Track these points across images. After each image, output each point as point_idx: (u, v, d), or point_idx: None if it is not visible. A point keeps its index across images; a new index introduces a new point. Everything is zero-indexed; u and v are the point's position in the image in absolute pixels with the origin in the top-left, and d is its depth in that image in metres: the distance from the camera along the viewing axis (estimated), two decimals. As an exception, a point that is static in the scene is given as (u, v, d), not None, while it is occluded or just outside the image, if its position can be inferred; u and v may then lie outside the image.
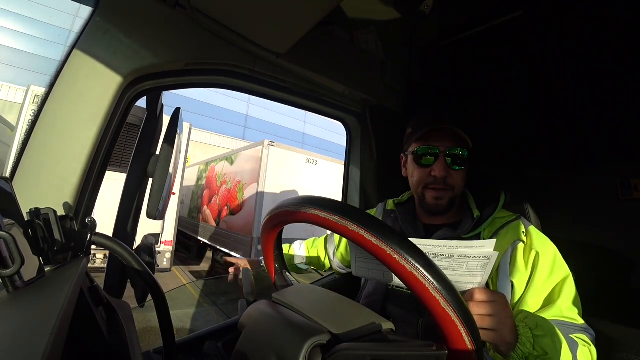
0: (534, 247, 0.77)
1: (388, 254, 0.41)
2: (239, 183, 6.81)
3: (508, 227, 0.82)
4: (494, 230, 0.83)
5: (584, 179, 1.18)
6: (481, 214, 0.87)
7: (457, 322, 0.40)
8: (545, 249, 0.77)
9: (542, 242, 0.79)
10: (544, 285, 0.74)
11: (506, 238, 0.80)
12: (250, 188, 6.34)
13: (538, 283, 0.74)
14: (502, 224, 0.83)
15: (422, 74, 1.57)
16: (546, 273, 0.75)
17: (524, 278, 0.76)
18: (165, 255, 5.99)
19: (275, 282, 0.74)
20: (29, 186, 0.74)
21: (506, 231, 0.82)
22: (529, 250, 0.77)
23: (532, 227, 0.82)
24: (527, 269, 0.76)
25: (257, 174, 6.16)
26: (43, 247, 0.45)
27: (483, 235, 0.83)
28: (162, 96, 1.08)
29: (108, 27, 0.82)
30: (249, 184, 6.42)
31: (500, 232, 0.82)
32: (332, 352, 0.43)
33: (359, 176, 1.55)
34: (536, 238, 0.79)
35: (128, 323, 0.55)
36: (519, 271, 0.76)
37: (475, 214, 0.86)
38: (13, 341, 0.26)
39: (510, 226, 0.82)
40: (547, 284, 0.74)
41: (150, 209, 0.88)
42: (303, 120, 21.81)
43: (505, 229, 0.82)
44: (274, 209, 0.59)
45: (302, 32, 0.96)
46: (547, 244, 0.79)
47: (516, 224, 0.82)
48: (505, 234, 0.81)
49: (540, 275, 0.75)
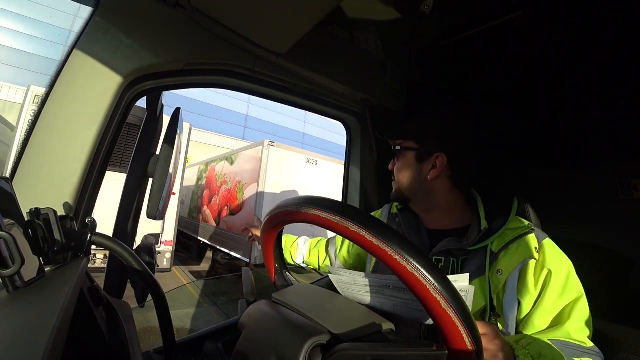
0: (547, 265, 0.71)
1: (389, 255, 0.41)
2: (239, 183, 6.84)
3: (519, 242, 0.75)
4: (503, 244, 0.76)
5: (584, 179, 1.18)
6: (490, 224, 0.79)
7: (457, 322, 0.40)
8: (558, 267, 0.72)
9: (555, 259, 0.73)
10: (553, 306, 0.70)
11: (516, 255, 0.74)
12: (250, 188, 6.36)
13: (547, 303, 0.70)
14: (513, 236, 0.76)
15: (422, 74, 1.57)
16: (557, 293, 0.70)
17: (532, 297, 0.71)
18: (166, 255, 6.00)
19: (275, 282, 0.74)
20: (29, 186, 0.74)
21: (517, 246, 0.75)
22: (541, 268, 0.72)
23: (546, 241, 0.75)
24: (536, 288, 0.71)
25: (257, 174, 6.19)
26: (43, 247, 0.45)
27: (491, 247, 0.77)
28: (162, 96, 1.08)
29: (108, 27, 0.82)
30: (249, 184, 6.44)
31: (510, 246, 0.75)
32: (332, 352, 0.43)
33: (359, 176, 1.55)
34: (549, 254, 0.73)
35: (128, 323, 0.55)
36: (527, 290, 0.71)
37: (482, 225, 0.78)
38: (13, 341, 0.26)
39: (522, 241, 0.75)
40: (557, 304, 0.70)
41: (150, 209, 0.89)
42: (303, 120, 21.82)
43: (516, 243, 0.75)
44: (274, 209, 0.59)
45: (302, 32, 0.96)
46: (561, 260, 0.73)
47: (528, 239, 0.75)
48: (515, 250, 0.74)
49: (551, 296, 0.70)
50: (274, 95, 1.27)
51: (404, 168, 0.90)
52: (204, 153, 12.65)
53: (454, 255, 0.80)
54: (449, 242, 0.81)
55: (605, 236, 1.09)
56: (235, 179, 7.05)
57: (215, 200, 7.71)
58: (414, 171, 0.88)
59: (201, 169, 9.06)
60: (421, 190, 0.88)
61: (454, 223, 0.86)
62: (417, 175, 0.88)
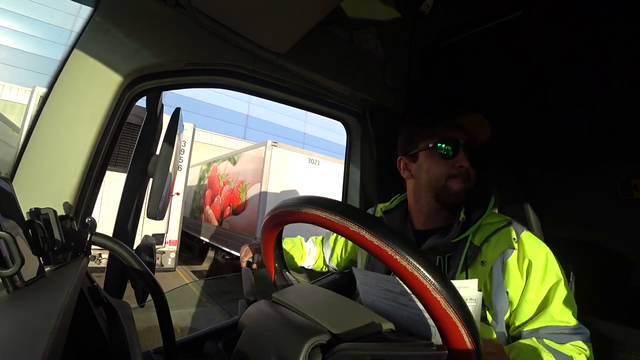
0: (527, 255, 0.76)
1: (389, 255, 0.41)
2: (241, 183, 6.90)
3: (499, 234, 0.80)
4: (484, 237, 0.81)
5: (584, 179, 1.18)
6: (468, 216, 0.84)
7: (457, 322, 0.40)
8: (536, 256, 0.76)
9: (533, 248, 0.78)
10: (537, 293, 0.74)
11: (497, 246, 0.79)
12: (253, 188, 6.42)
13: (531, 292, 0.75)
14: (492, 230, 0.81)
15: (422, 74, 1.57)
16: (538, 281, 0.75)
17: (519, 287, 0.75)
18: (170, 255, 6.12)
19: (275, 281, 0.74)
20: (29, 186, 0.74)
21: (497, 238, 0.80)
22: (522, 258, 0.77)
23: (524, 234, 0.80)
24: (522, 278, 0.76)
25: (260, 174, 6.24)
26: (43, 247, 0.45)
27: (473, 240, 0.81)
28: (162, 96, 1.08)
29: (108, 27, 0.82)
30: (251, 184, 6.50)
31: (491, 239, 0.80)
32: (332, 352, 0.43)
33: (358, 176, 1.55)
34: (527, 244, 0.78)
35: (128, 323, 0.56)
36: (513, 280, 0.76)
37: (460, 217, 0.84)
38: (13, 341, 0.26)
39: (501, 233, 0.80)
40: (540, 291, 0.74)
41: (150, 209, 0.89)
42: (304, 120, 21.86)
43: (496, 236, 0.80)
44: (274, 209, 0.59)
45: (302, 32, 0.96)
46: (539, 249, 0.78)
47: (507, 231, 0.80)
48: (496, 242, 0.79)
49: (533, 284, 0.75)
50: (274, 95, 1.27)
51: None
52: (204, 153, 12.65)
53: (440, 252, 0.85)
54: (434, 239, 0.85)
55: (605, 236, 1.09)
56: (238, 179, 7.10)
57: (218, 200, 7.76)
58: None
59: (203, 169, 9.09)
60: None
61: (439, 221, 0.91)
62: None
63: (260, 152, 6.46)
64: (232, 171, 7.42)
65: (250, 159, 6.83)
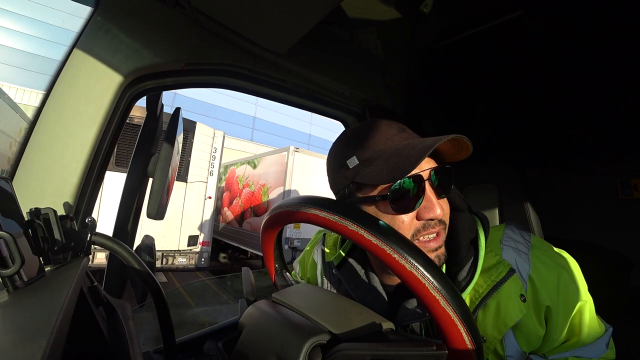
0: (542, 301, 0.60)
1: (387, 254, 0.41)
2: (263, 186, 7.41)
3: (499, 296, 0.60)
4: (478, 300, 0.61)
5: (584, 179, 1.18)
6: (453, 279, 0.62)
7: (457, 321, 0.40)
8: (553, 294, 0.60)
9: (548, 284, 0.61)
10: (561, 333, 0.61)
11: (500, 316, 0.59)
12: (275, 191, 6.93)
13: (555, 334, 0.61)
14: (488, 287, 0.61)
15: (422, 74, 1.57)
16: (560, 323, 0.60)
17: (538, 338, 0.61)
18: (203, 255, 6.61)
19: (275, 282, 0.74)
20: (29, 186, 0.74)
21: (496, 304, 0.60)
22: (537, 308, 0.60)
23: (532, 272, 0.61)
24: (541, 327, 0.61)
25: (283, 178, 6.77)
26: (43, 247, 0.45)
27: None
28: (162, 96, 1.08)
29: (108, 26, 0.82)
30: (273, 187, 7.02)
31: (488, 303, 0.60)
32: (332, 352, 0.43)
33: (359, 176, 1.54)
34: (540, 282, 0.61)
35: (128, 323, 0.55)
36: (531, 338, 0.61)
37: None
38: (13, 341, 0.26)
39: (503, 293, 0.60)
40: (565, 330, 0.61)
41: (150, 209, 0.89)
42: (309, 122, 22.06)
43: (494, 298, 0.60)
44: (273, 209, 0.59)
45: (302, 32, 0.96)
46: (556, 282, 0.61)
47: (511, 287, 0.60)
48: (497, 310, 0.60)
49: (556, 328, 0.61)
50: (274, 95, 1.27)
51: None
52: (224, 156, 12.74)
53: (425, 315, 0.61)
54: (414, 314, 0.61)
55: (605, 236, 1.09)
56: (258, 182, 7.59)
57: (237, 202, 8.22)
58: None
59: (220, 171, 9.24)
60: None
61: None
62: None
63: (282, 157, 7.00)
64: (252, 174, 7.92)
65: (272, 163, 7.35)
